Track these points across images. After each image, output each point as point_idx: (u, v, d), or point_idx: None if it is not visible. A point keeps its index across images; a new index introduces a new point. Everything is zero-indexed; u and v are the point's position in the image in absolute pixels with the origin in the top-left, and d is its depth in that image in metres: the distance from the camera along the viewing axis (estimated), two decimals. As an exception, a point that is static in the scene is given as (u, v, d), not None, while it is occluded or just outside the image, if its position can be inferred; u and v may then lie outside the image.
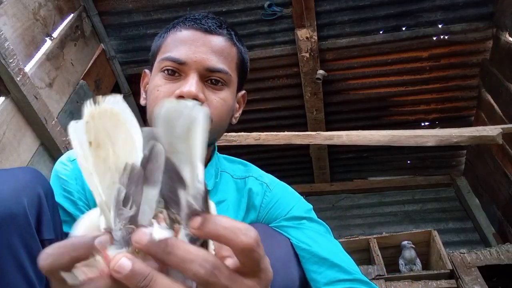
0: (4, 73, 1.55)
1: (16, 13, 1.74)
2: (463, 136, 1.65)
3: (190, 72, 0.72)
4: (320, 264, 0.75)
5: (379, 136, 1.71)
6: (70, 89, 2.11)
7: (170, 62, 0.73)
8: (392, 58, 2.50)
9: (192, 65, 0.72)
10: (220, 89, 0.75)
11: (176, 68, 0.73)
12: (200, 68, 0.72)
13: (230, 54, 0.77)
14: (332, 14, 2.35)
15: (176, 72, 0.73)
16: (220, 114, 0.74)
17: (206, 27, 0.75)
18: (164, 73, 0.74)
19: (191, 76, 0.71)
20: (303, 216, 0.80)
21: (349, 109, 2.78)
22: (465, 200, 2.81)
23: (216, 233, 0.30)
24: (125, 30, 2.48)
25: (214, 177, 0.82)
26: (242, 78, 0.83)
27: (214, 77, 0.73)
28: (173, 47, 0.75)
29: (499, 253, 1.79)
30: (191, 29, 0.76)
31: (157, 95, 0.73)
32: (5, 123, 1.58)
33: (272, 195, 0.83)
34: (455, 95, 2.64)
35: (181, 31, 0.76)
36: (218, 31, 0.76)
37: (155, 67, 0.77)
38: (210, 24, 0.77)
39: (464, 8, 2.29)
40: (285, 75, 2.60)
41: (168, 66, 0.73)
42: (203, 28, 0.75)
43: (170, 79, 0.74)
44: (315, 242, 0.77)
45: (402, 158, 3.02)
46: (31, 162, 1.71)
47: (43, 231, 0.67)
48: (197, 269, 0.29)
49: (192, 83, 0.70)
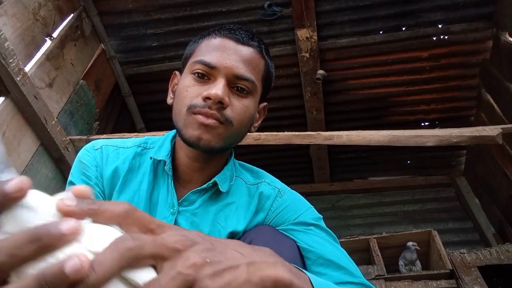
0: (4, 73, 1.56)
1: (16, 13, 1.74)
2: (463, 136, 1.65)
3: (218, 77, 0.76)
4: (325, 266, 0.76)
5: (379, 136, 1.71)
6: (70, 89, 2.11)
7: (201, 65, 0.77)
8: (392, 58, 2.50)
9: (222, 70, 0.76)
10: (244, 97, 0.78)
11: (206, 72, 0.77)
12: (228, 74, 0.76)
13: (258, 65, 0.81)
14: (332, 14, 2.35)
15: (205, 76, 0.77)
16: (241, 119, 0.77)
17: (239, 37, 0.80)
18: (194, 75, 0.78)
19: (219, 81, 0.75)
20: (312, 223, 0.82)
21: (349, 109, 2.78)
22: (465, 200, 2.82)
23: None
24: (125, 30, 2.48)
25: (229, 180, 0.84)
26: (266, 90, 0.86)
27: (240, 84, 0.77)
28: (206, 52, 0.79)
29: (499, 253, 1.79)
30: (225, 38, 0.80)
31: (186, 95, 0.77)
32: (5, 123, 1.58)
33: (283, 200, 0.84)
34: (455, 95, 2.64)
35: (216, 38, 0.81)
36: (249, 42, 0.81)
37: (186, 69, 0.81)
38: (244, 35, 0.81)
39: (464, 8, 2.29)
40: (285, 75, 2.60)
41: (199, 69, 0.77)
42: (236, 38, 0.80)
43: (199, 81, 0.77)
44: (322, 246, 0.78)
45: (402, 158, 3.02)
46: (31, 162, 1.71)
47: None
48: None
49: (220, 87, 0.74)
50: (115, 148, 0.88)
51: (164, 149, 0.85)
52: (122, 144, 0.89)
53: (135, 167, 0.85)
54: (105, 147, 0.88)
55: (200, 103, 0.74)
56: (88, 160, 0.85)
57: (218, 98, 0.73)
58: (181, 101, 0.78)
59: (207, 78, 0.77)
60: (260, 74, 0.82)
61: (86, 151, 0.87)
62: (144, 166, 0.85)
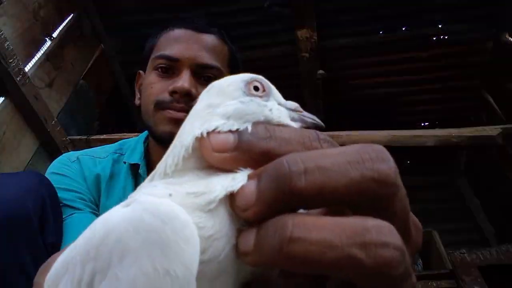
0: (4, 73, 1.55)
1: (16, 13, 1.74)
2: (463, 136, 1.65)
3: (183, 68, 0.74)
4: None
5: (379, 136, 1.71)
6: (70, 89, 2.11)
7: (163, 59, 0.75)
8: (392, 58, 2.49)
9: (185, 62, 0.74)
10: None
11: (169, 65, 0.75)
12: (193, 64, 0.74)
13: (222, 51, 0.80)
14: (332, 14, 2.35)
15: (169, 70, 0.75)
16: None
17: (198, 26, 0.78)
18: (157, 71, 0.76)
19: (184, 73, 0.73)
20: None
21: (349, 109, 2.78)
22: (465, 200, 2.81)
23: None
24: (125, 30, 2.47)
25: None
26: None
27: (206, 74, 0.75)
28: (166, 45, 0.77)
29: (499, 253, 1.79)
30: (183, 28, 0.78)
31: (151, 92, 0.75)
32: (5, 123, 1.58)
33: None
34: (455, 95, 2.63)
35: (174, 30, 0.79)
36: (209, 29, 0.79)
37: (149, 66, 0.79)
38: (202, 23, 0.80)
39: (464, 8, 2.28)
40: (285, 75, 2.60)
41: (162, 64, 0.75)
42: (195, 27, 0.78)
43: (163, 76, 0.75)
44: None
45: (402, 158, 3.02)
46: (31, 162, 1.71)
47: (47, 234, 0.67)
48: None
49: (185, 79, 0.72)
50: (90, 157, 0.85)
51: (137, 152, 0.83)
52: (96, 154, 0.86)
53: (116, 173, 0.83)
54: (81, 157, 0.84)
55: (167, 98, 0.73)
56: (69, 173, 0.81)
57: (184, 91, 0.71)
58: (147, 98, 0.76)
59: (171, 71, 0.75)
60: (225, 60, 0.80)
61: (63, 164, 0.83)
62: (123, 172, 0.83)
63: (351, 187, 0.19)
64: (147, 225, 0.19)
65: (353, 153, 0.20)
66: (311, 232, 0.18)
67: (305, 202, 0.19)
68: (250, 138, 0.22)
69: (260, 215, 0.20)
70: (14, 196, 0.62)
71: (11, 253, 0.61)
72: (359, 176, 0.19)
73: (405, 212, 0.21)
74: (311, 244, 0.18)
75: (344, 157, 0.19)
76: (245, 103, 0.26)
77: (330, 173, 0.19)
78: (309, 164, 0.19)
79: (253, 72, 0.31)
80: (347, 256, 0.18)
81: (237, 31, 2.35)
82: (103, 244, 0.19)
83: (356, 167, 0.19)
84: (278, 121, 0.26)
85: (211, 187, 0.22)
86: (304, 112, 0.29)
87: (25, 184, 0.66)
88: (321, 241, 0.18)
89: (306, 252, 0.18)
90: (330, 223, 0.18)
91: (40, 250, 0.65)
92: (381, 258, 0.18)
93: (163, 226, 0.19)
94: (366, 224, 0.18)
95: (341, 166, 0.19)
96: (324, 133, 0.23)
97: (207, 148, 0.22)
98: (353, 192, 0.19)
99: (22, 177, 0.69)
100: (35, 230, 0.64)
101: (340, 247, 0.18)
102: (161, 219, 0.19)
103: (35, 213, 0.64)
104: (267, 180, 0.20)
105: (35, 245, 0.64)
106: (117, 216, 0.19)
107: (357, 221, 0.19)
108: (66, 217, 0.75)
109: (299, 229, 0.18)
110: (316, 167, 0.19)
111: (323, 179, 0.19)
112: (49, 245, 0.68)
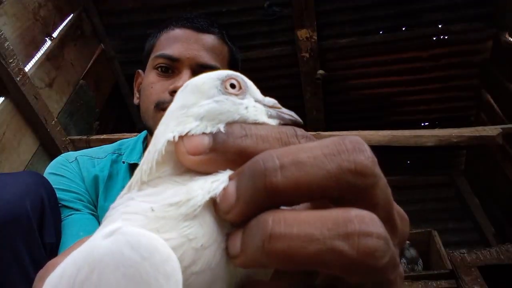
0: (4, 73, 1.55)
1: (16, 13, 1.74)
2: (463, 136, 1.65)
3: (183, 68, 0.74)
4: None
5: (379, 136, 1.71)
6: (70, 89, 2.11)
7: (163, 59, 0.75)
8: (392, 58, 2.50)
9: (185, 61, 0.74)
10: None
11: (170, 65, 0.75)
12: (193, 64, 0.74)
13: (222, 52, 0.79)
14: (332, 14, 2.35)
15: (169, 69, 0.75)
16: None
17: (199, 25, 0.78)
18: (157, 70, 0.76)
19: (184, 72, 0.73)
20: None
21: (349, 109, 2.78)
22: (465, 200, 2.81)
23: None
24: (125, 30, 2.48)
25: None
26: None
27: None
28: (166, 45, 0.77)
29: (499, 253, 1.79)
30: (184, 28, 0.78)
31: (151, 91, 0.75)
32: (5, 123, 1.58)
33: None
34: (455, 95, 2.63)
35: (174, 29, 0.78)
36: (210, 29, 0.79)
37: (149, 65, 0.79)
38: (202, 23, 0.79)
39: (464, 8, 2.29)
40: (285, 75, 2.60)
41: (162, 63, 0.75)
42: (196, 26, 0.78)
43: (163, 76, 0.75)
44: None
45: (402, 158, 3.02)
46: (31, 162, 1.71)
47: (45, 235, 0.67)
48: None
49: (186, 79, 0.72)
50: (89, 158, 0.85)
51: (136, 151, 0.82)
52: (95, 155, 0.86)
53: (114, 174, 0.83)
54: (79, 158, 0.84)
55: (167, 98, 0.73)
56: (67, 173, 0.81)
57: None
58: (147, 98, 0.76)
59: (171, 71, 0.75)
60: (225, 60, 0.80)
61: (61, 165, 0.83)
62: (122, 172, 0.82)
63: (328, 180, 0.19)
64: (126, 260, 0.18)
65: (329, 146, 0.19)
66: (291, 228, 0.18)
67: (284, 198, 0.19)
68: (225, 138, 0.21)
69: (242, 216, 0.19)
70: (13, 196, 0.62)
71: (10, 253, 0.61)
72: (336, 168, 0.19)
73: (388, 202, 0.21)
74: (292, 240, 0.17)
75: (320, 150, 0.19)
76: (220, 102, 0.25)
77: (305, 167, 0.19)
78: (284, 160, 0.19)
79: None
80: (330, 248, 0.17)
81: (237, 31, 2.35)
82: (88, 280, 0.18)
83: (332, 159, 0.19)
84: (254, 119, 0.25)
85: (192, 193, 0.21)
86: (283, 108, 0.29)
87: (25, 184, 0.66)
88: (302, 235, 0.17)
89: (287, 248, 0.17)
90: (310, 217, 0.18)
91: (39, 250, 0.65)
92: (364, 248, 0.17)
93: (142, 262, 0.18)
94: (347, 215, 0.18)
95: (317, 159, 0.19)
96: (302, 130, 0.22)
97: (182, 152, 0.22)
98: (331, 185, 0.19)
99: (21, 177, 0.69)
100: (34, 230, 0.64)
101: (321, 240, 0.17)
102: (140, 254, 0.18)
103: (34, 213, 0.64)
104: (244, 179, 0.20)
105: (34, 245, 0.64)
106: (99, 251, 0.19)
107: (338, 213, 0.18)
108: (64, 217, 0.75)
109: (279, 225, 0.18)
110: (292, 162, 0.19)
111: (299, 174, 0.18)
112: (48, 245, 0.68)
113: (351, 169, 0.19)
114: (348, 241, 0.17)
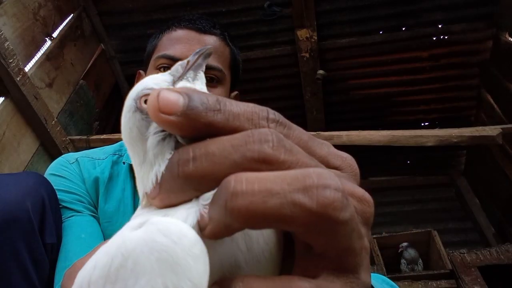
0: (4, 73, 1.56)
1: (16, 13, 1.74)
2: (463, 136, 1.65)
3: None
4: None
5: (379, 136, 1.71)
6: (70, 89, 2.11)
7: (165, 59, 0.76)
8: (392, 58, 2.50)
9: None
10: (214, 87, 0.77)
11: (171, 66, 0.74)
12: None
13: (223, 53, 0.80)
14: (332, 14, 2.35)
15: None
16: None
17: (201, 27, 0.78)
18: (159, 70, 0.76)
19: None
20: None
21: (349, 109, 2.78)
22: (465, 200, 2.81)
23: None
24: (125, 30, 2.48)
25: None
26: (235, 77, 0.85)
27: (208, 74, 0.76)
28: (168, 45, 0.77)
29: (499, 253, 1.79)
30: (186, 29, 0.78)
31: None
32: (5, 123, 1.58)
33: None
34: (455, 95, 2.63)
35: (176, 30, 0.79)
36: (212, 31, 0.79)
37: (151, 66, 0.79)
38: (204, 24, 0.80)
39: (464, 8, 2.29)
40: (285, 75, 2.60)
41: (163, 64, 0.76)
42: (198, 27, 0.78)
43: None
44: None
45: (402, 158, 3.02)
46: (31, 162, 1.71)
47: (46, 235, 0.67)
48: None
49: None
50: (89, 159, 0.84)
51: None
52: (95, 156, 0.86)
53: (115, 175, 0.82)
54: (80, 159, 0.84)
55: None
56: (68, 175, 0.81)
57: None
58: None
59: None
60: (226, 61, 0.81)
61: (62, 166, 0.82)
62: (123, 173, 0.82)
63: (234, 168, 0.20)
64: (159, 245, 0.20)
65: (238, 137, 0.20)
66: (252, 184, 0.18)
67: (200, 187, 0.21)
68: (199, 107, 0.21)
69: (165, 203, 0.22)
70: (14, 197, 0.62)
71: (10, 253, 0.61)
72: (240, 158, 0.20)
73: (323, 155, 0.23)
74: (253, 195, 0.18)
75: (229, 141, 0.20)
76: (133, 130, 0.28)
77: (214, 158, 0.20)
78: (198, 152, 0.20)
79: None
80: (290, 201, 0.18)
81: (237, 31, 2.35)
82: (123, 267, 0.20)
83: (237, 150, 0.20)
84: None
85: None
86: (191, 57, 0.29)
87: (25, 185, 0.66)
88: (263, 190, 0.18)
89: (249, 203, 0.18)
90: (270, 175, 0.19)
91: (40, 250, 0.65)
92: (323, 198, 0.18)
93: (174, 246, 0.20)
94: (306, 172, 0.19)
95: (225, 150, 0.20)
96: (277, 113, 0.23)
97: (154, 107, 0.21)
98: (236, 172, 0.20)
99: (21, 177, 0.68)
100: (35, 231, 0.64)
101: (281, 194, 0.18)
102: (172, 239, 0.20)
103: (34, 214, 0.64)
104: (167, 171, 0.22)
105: (34, 246, 0.64)
106: (131, 240, 0.20)
107: (297, 171, 0.19)
108: (65, 219, 0.75)
109: (240, 184, 0.18)
110: (203, 153, 0.20)
111: (207, 165, 0.20)
112: (49, 246, 0.68)
113: (254, 158, 0.20)
114: (307, 193, 0.18)
